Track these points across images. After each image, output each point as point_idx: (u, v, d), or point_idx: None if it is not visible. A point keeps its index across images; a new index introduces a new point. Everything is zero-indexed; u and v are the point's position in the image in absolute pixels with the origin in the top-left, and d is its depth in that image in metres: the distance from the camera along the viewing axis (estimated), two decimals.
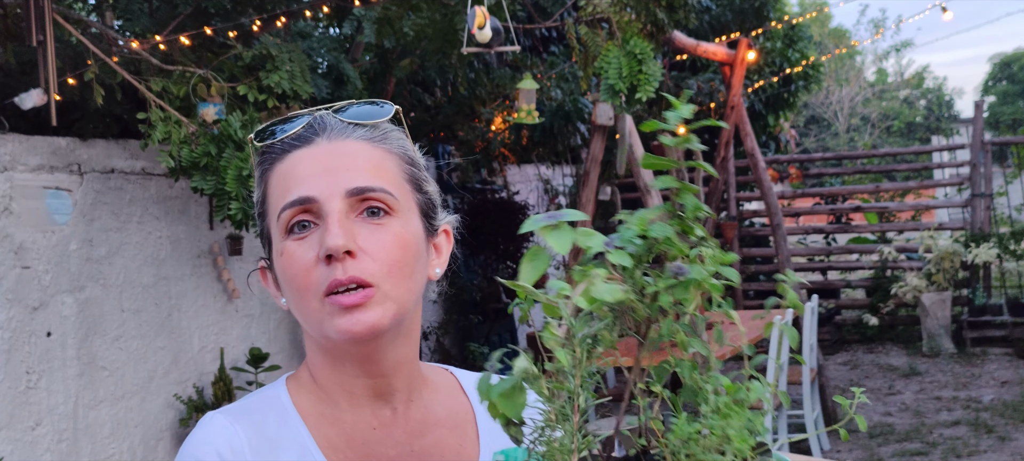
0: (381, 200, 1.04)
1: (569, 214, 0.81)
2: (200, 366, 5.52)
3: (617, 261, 0.80)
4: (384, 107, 1.11)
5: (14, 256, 4.44)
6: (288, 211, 1.03)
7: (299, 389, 1.12)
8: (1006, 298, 10.08)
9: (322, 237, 1.01)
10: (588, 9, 5.22)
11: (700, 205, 0.85)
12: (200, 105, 4.38)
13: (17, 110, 4.42)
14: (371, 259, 1.02)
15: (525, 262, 0.82)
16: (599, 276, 0.79)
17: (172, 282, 5.34)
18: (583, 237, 0.82)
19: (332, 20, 6.40)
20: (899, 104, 30.98)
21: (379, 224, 1.04)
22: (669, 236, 0.82)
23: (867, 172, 12.39)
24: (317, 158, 1.05)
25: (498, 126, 7.82)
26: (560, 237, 0.80)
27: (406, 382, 1.12)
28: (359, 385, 1.10)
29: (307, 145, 1.06)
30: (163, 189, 5.29)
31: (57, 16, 4.00)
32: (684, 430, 0.79)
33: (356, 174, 1.04)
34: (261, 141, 1.09)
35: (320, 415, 1.09)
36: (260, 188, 1.10)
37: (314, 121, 1.09)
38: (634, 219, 0.84)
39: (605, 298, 0.78)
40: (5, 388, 4.38)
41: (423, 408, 1.14)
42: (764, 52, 10.23)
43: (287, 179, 1.05)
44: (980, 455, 6.52)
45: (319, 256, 1.01)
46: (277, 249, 1.05)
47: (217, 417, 1.06)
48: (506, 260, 8.31)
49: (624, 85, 4.86)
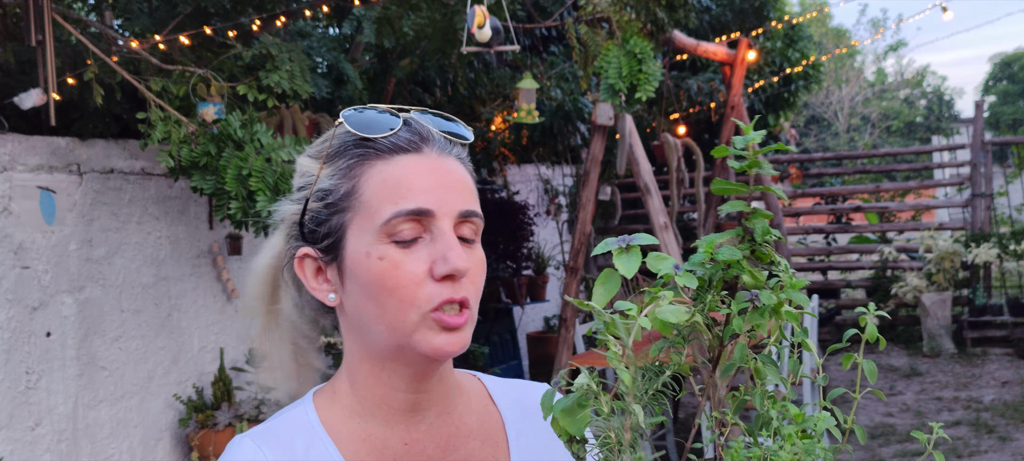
0: (476, 225, 1.06)
1: (641, 238, 0.82)
2: (200, 366, 5.51)
3: (683, 283, 0.81)
4: (469, 129, 1.13)
5: (14, 256, 4.44)
6: (401, 218, 1.01)
7: (330, 404, 1.10)
8: (1006, 298, 10.07)
9: (439, 254, 1.00)
10: (588, 9, 5.21)
11: (768, 229, 0.85)
12: (200, 105, 4.37)
13: (16, 110, 4.42)
14: (471, 282, 1.03)
15: (598, 285, 0.82)
16: (666, 298, 0.79)
17: (172, 282, 5.33)
18: (654, 261, 0.82)
19: (332, 20, 6.40)
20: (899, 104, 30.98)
21: (471, 248, 1.05)
22: (738, 260, 0.83)
23: (867, 172, 12.38)
24: (430, 170, 1.04)
25: (498, 126, 7.82)
26: (629, 261, 0.80)
27: (441, 395, 1.12)
28: (400, 399, 1.09)
29: (416, 152, 1.04)
30: (163, 189, 5.29)
31: (56, 16, 4.00)
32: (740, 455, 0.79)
33: (464, 196, 1.05)
34: (361, 130, 1.05)
35: (350, 432, 1.08)
36: (345, 180, 1.04)
37: (419, 128, 1.07)
38: (703, 242, 0.84)
39: (669, 319, 0.78)
40: (5, 388, 4.38)
41: (457, 419, 1.13)
42: (764, 52, 10.22)
43: (399, 183, 1.02)
44: (980, 455, 6.52)
45: (433, 272, 1.00)
46: (371, 252, 1.02)
47: (244, 442, 1.05)
48: (506, 260, 8.31)
49: (624, 85, 4.86)
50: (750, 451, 0.79)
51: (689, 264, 0.83)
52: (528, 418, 1.17)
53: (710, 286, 0.84)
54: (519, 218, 8.32)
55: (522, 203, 8.60)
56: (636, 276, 0.81)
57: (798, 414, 0.82)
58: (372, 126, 1.05)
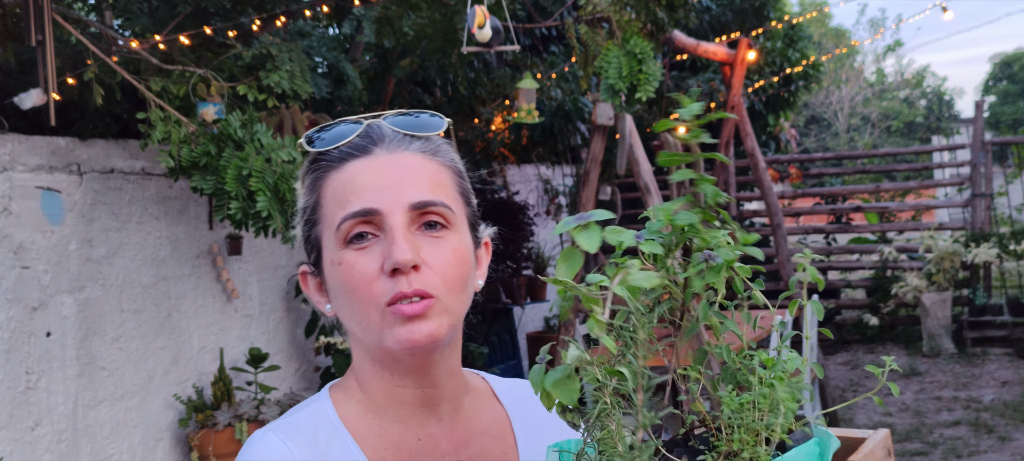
0: (440, 214, 1.06)
1: (598, 214, 0.84)
2: (200, 366, 5.51)
3: (649, 251, 0.84)
4: (438, 119, 1.13)
5: (14, 256, 4.44)
6: (349, 222, 1.04)
7: (346, 400, 1.12)
8: (1006, 298, 10.07)
9: (388, 250, 1.02)
10: (588, 8, 5.21)
11: (718, 192, 0.88)
12: (200, 105, 4.37)
13: (17, 110, 4.42)
14: (433, 272, 1.04)
15: (561, 262, 0.85)
16: (634, 265, 0.82)
17: (172, 282, 5.33)
18: (613, 234, 0.85)
19: (332, 20, 6.40)
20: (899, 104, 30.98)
21: (438, 238, 1.06)
22: (694, 223, 0.86)
23: (867, 172, 12.38)
24: (378, 169, 1.06)
25: (498, 126, 7.82)
26: (589, 236, 0.83)
27: (453, 391, 1.14)
28: (409, 395, 1.11)
29: (366, 155, 1.07)
30: (163, 189, 5.29)
31: (56, 16, 4.00)
32: (733, 402, 0.82)
33: (417, 188, 1.06)
34: (314, 147, 1.09)
35: (367, 427, 1.10)
36: (312, 195, 1.10)
37: (371, 130, 1.09)
38: (659, 211, 0.87)
39: (642, 285, 0.81)
40: (5, 388, 4.38)
41: (468, 417, 1.15)
42: (764, 52, 10.22)
43: (346, 189, 1.06)
44: (980, 455, 6.52)
45: (383, 268, 1.02)
46: (334, 258, 1.06)
47: (268, 435, 1.06)
48: (506, 260, 8.31)
49: (624, 85, 4.86)
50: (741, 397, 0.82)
51: (648, 232, 0.87)
52: (531, 415, 1.19)
53: (668, 253, 0.87)
54: (519, 218, 8.31)
55: (522, 203, 8.60)
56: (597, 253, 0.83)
57: (769, 360, 0.85)
58: (329, 141, 1.09)
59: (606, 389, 0.79)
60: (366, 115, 1.11)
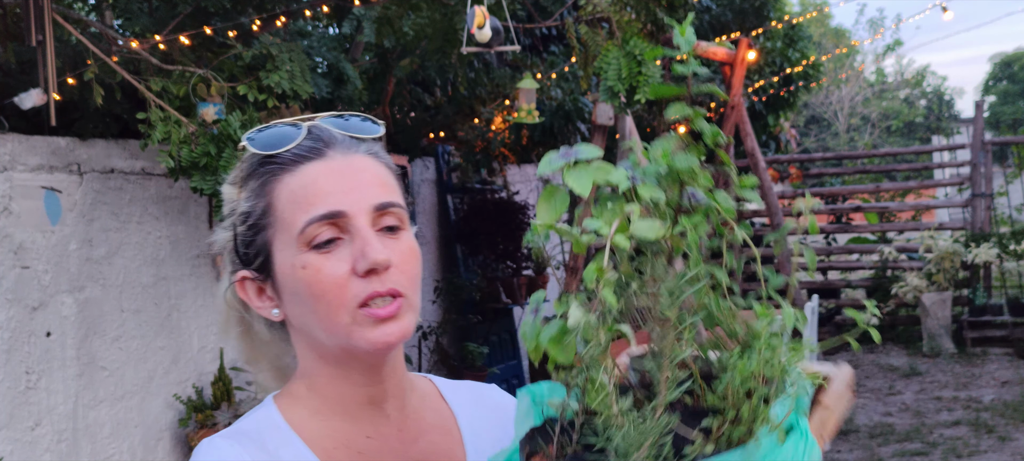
0: (398, 214, 1.07)
1: (585, 150, 0.78)
2: (200, 366, 5.51)
3: (647, 194, 0.76)
4: (377, 124, 1.14)
5: (14, 256, 4.44)
6: (313, 225, 1.03)
7: (292, 405, 1.12)
8: (1006, 298, 10.07)
9: (362, 251, 1.02)
10: (588, 9, 5.21)
11: (718, 131, 0.81)
12: (200, 105, 4.37)
13: (17, 110, 4.42)
14: (400, 271, 1.05)
15: (542, 201, 0.79)
16: (634, 211, 0.74)
17: (172, 282, 5.33)
18: (602, 173, 0.77)
19: (332, 19, 6.40)
20: (899, 104, 30.98)
21: (396, 238, 1.07)
22: (693, 168, 0.78)
23: (867, 172, 12.38)
24: (337, 173, 1.06)
25: (498, 126, 7.82)
26: (580, 176, 0.75)
27: (398, 386, 1.15)
28: (359, 394, 1.11)
29: (320, 158, 1.07)
30: (163, 189, 5.29)
31: (57, 16, 4.00)
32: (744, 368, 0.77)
33: (377, 189, 1.06)
34: (263, 149, 1.08)
35: (316, 429, 1.10)
36: (259, 199, 1.08)
37: (320, 132, 1.09)
38: (656, 150, 0.80)
39: (646, 235, 0.74)
40: (5, 388, 4.38)
41: (415, 415, 1.16)
42: (764, 52, 10.22)
43: (307, 192, 1.05)
44: (980, 455, 6.52)
45: (356, 270, 1.02)
46: (295, 262, 1.05)
47: (217, 440, 1.06)
48: (505, 260, 8.31)
49: (623, 87, 4.85)
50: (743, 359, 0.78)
51: (646, 174, 0.78)
52: (477, 413, 1.21)
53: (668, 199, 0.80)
54: (519, 218, 8.31)
55: (522, 203, 8.60)
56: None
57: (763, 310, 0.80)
58: (274, 142, 1.08)
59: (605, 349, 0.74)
60: (302, 117, 1.11)
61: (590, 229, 0.75)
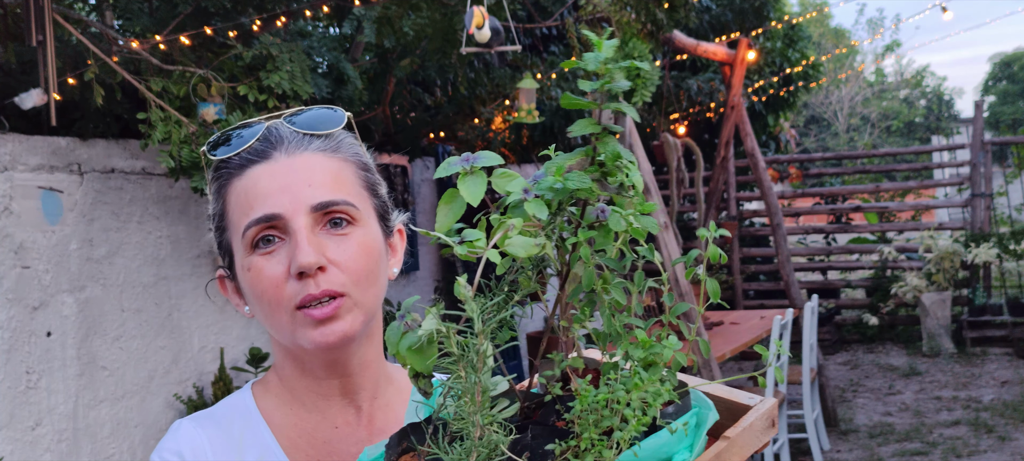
0: (344, 212, 1.07)
1: (485, 157, 0.78)
2: (200, 366, 5.52)
3: (533, 211, 0.77)
4: (337, 114, 1.14)
5: (14, 256, 4.44)
6: (253, 228, 1.05)
7: (265, 393, 1.16)
8: (1006, 298, 10.08)
9: (292, 253, 1.03)
10: (588, 8, 5.21)
11: (619, 154, 0.80)
12: (200, 105, 4.37)
13: (17, 110, 4.42)
14: (339, 270, 1.05)
15: (442, 205, 0.79)
16: (516, 227, 0.76)
17: (172, 282, 5.34)
18: (502, 181, 0.78)
19: (332, 19, 6.40)
20: (899, 104, 30.97)
21: (343, 234, 1.07)
22: (589, 186, 0.78)
23: (867, 172, 12.38)
24: (277, 174, 1.07)
25: (498, 126, 7.82)
26: (473, 184, 0.77)
27: (372, 381, 1.16)
28: (326, 386, 1.13)
29: (265, 160, 1.08)
30: (163, 189, 5.29)
31: (57, 16, 4.00)
32: (587, 398, 0.76)
33: (318, 189, 1.06)
34: (215, 154, 1.10)
35: (284, 416, 1.14)
36: (218, 202, 1.11)
37: (270, 133, 1.10)
38: (552, 166, 0.80)
39: (519, 253, 0.75)
40: (5, 388, 4.38)
41: (388, 406, 1.18)
42: (764, 52, 10.22)
43: (248, 195, 1.07)
44: (980, 455, 6.52)
45: (290, 272, 1.03)
46: (243, 264, 1.08)
47: (184, 424, 1.12)
48: None
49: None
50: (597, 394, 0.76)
51: (539, 188, 0.79)
52: None
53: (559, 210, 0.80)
54: None
55: None
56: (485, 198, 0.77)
57: (646, 341, 0.79)
58: (229, 147, 1.10)
59: (461, 361, 0.74)
60: (267, 116, 1.12)
61: (469, 239, 0.75)
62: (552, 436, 0.78)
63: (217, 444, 1.09)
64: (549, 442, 0.77)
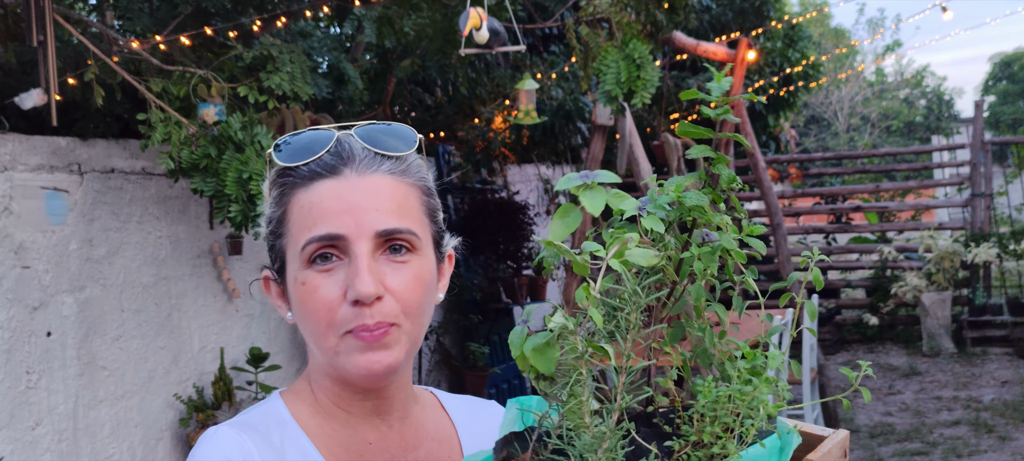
0: (405, 240, 1.05)
1: (603, 175, 0.82)
2: (200, 366, 5.52)
3: (650, 226, 0.81)
4: (410, 134, 1.11)
5: (14, 256, 4.44)
6: (313, 244, 1.03)
7: (296, 402, 1.14)
8: (1006, 298, 10.08)
9: (350, 278, 1.02)
10: (588, 9, 5.21)
11: (733, 177, 0.85)
12: (200, 106, 4.37)
13: (17, 110, 4.42)
14: (395, 300, 1.04)
15: (556, 218, 0.82)
16: (633, 239, 0.79)
17: (172, 282, 5.34)
18: (615, 199, 0.82)
19: (333, 20, 6.40)
20: (899, 104, 30.97)
21: (403, 262, 1.05)
22: (702, 204, 0.83)
23: (867, 172, 12.39)
24: (344, 193, 1.04)
25: (498, 126, 7.82)
26: (593, 197, 0.80)
27: (403, 401, 1.16)
28: (360, 405, 1.13)
29: (334, 176, 1.05)
30: (163, 189, 5.29)
31: (57, 16, 4.00)
32: (710, 393, 0.79)
33: (383, 215, 1.04)
34: (283, 160, 1.08)
35: (318, 427, 1.12)
36: (279, 208, 1.09)
37: (341, 148, 1.07)
38: (670, 185, 0.84)
39: (640, 262, 0.78)
40: (5, 388, 4.38)
41: (416, 423, 1.18)
42: (764, 52, 10.22)
43: (313, 210, 1.05)
44: (980, 455, 6.52)
45: (346, 296, 1.02)
46: (297, 277, 1.06)
47: (223, 429, 1.07)
48: (506, 260, 8.31)
49: (621, 91, 4.85)
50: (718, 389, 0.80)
51: (654, 206, 0.83)
52: (476, 427, 1.23)
53: (668, 229, 0.84)
54: (519, 218, 8.32)
55: (522, 203, 8.61)
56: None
57: (750, 353, 0.83)
58: (298, 154, 1.08)
59: (583, 359, 0.77)
60: (338, 125, 1.10)
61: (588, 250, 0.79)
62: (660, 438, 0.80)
63: (262, 450, 1.06)
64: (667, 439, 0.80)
